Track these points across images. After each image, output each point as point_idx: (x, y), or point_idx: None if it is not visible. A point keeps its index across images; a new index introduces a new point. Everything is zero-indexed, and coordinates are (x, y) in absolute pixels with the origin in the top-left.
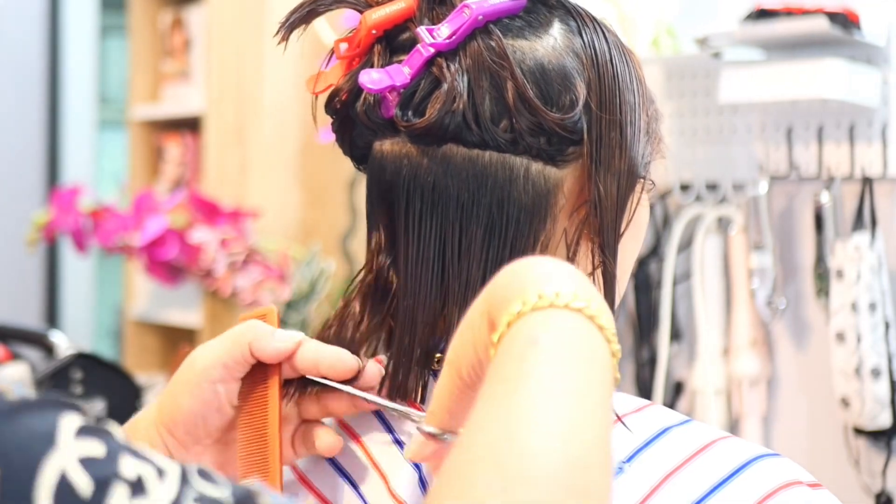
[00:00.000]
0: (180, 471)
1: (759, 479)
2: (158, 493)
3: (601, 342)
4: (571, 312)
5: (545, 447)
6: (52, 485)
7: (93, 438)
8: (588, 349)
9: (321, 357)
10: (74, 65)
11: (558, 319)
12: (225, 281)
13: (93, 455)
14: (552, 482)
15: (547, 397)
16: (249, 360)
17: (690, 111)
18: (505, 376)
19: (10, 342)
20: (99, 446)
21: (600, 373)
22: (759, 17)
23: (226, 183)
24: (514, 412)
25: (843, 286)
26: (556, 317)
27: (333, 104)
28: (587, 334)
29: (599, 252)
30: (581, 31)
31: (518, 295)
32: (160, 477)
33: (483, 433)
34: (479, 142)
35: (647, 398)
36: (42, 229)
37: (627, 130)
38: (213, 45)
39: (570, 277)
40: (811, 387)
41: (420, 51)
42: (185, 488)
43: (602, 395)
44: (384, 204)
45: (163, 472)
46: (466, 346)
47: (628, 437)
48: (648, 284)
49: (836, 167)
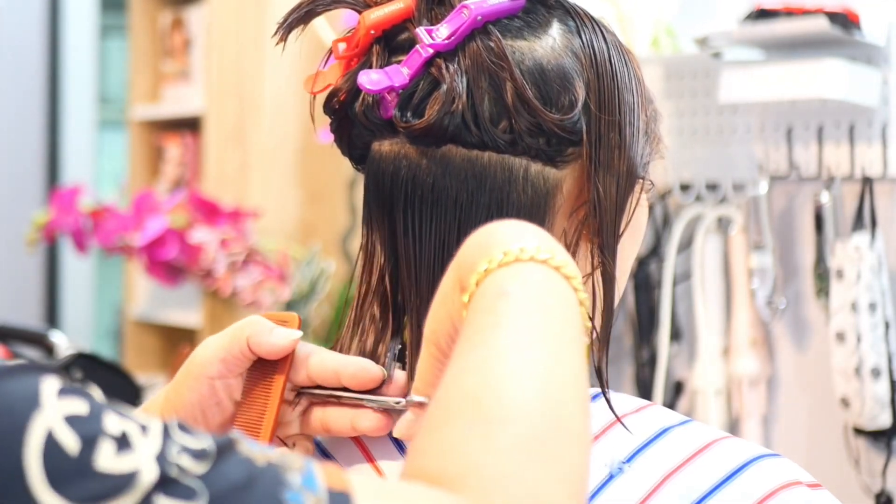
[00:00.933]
0: (162, 426)
1: (759, 479)
2: (143, 447)
3: (568, 290)
4: (537, 264)
5: (522, 389)
6: (40, 444)
7: (75, 397)
8: (556, 296)
9: (342, 366)
10: (74, 65)
11: (525, 271)
12: (225, 281)
13: (77, 413)
14: (531, 421)
15: (520, 342)
16: (248, 356)
17: (690, 111)
18: (477, 328)
19: (10, 342)
20: (82, 405)
21: (570, 318)
22: (759, 17)
23: (226, 183)
24: (488, 359)
25: (843, 286)
26: (523, 269)
27: (332, 104)
28: (554, 283)
29: (598, 252)
30: (580, 31)
31: (484, 255)
32: (143, 432)
33: (460, 383)
34: (478, 143)
35: (647, 398)
36: (42, 229)
37: (626, 131)
38: (213, 45)
39: (532, 233)
40: (811, 387)
41: (419, 51)
42: (167, 441)
43: (573, 337)
44: (383, 205)
45: (146, 428)
46: (442, 317)
47: (628, 437)
48: (648, 284)
49: (836, 167)
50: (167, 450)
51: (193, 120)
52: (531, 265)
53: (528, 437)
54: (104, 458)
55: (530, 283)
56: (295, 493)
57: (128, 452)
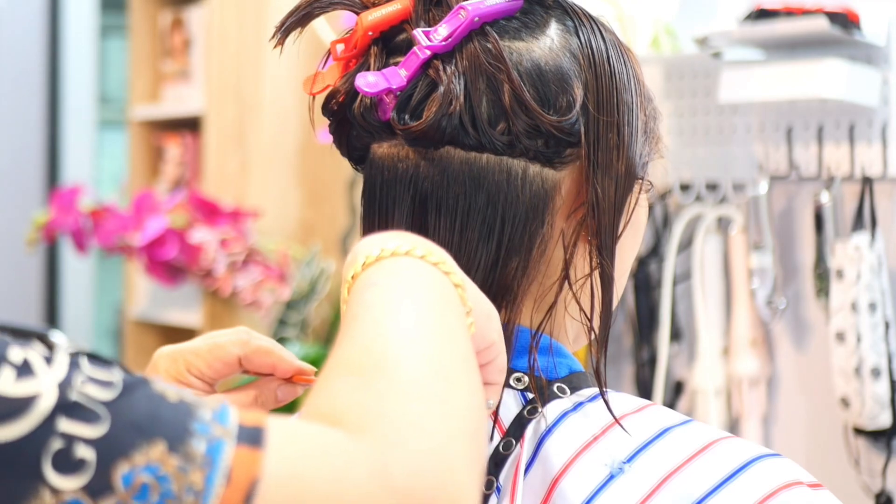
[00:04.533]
0: (70, 357)
1: (760, 479)
2: (45, 374)
3: (437, 273)
4: (399, 257)
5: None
6: None
7: None
8: (422, 278)
9: None
10: (74, 65)
11: (387, 264)
12: (225, 281)
13: None
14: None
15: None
16: None
17: (690, 111)
18: (352, 315)
19: None
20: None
21: (440, 295)
22: (759, 17)
23: (226, 183)
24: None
25: (843, 286)
26: (385, 263)
27: (330, 106)
28: (420, 268)
29: (597, 253)
30: (578, 31)
31: (351, 266)
32: (48, 363)
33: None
34: (477, 144)
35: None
36: (42, 229)
37: (625, 131)
38: (213, 45)
39: (393, 237)
40: (811, 387)
41: (416, 53)
42: (73, 370)
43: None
44: (382, 206)
45: (51, 359)
46: None
47: (629, 437)
48: (648, 284)
49: (836, 167)
50: (72, 378)
51: (193, 120)
52: (393, 259)
53: (412, 381)
54: (3, 382)
55: (394, 271)
56: (204, 425)
57: (28, 378)
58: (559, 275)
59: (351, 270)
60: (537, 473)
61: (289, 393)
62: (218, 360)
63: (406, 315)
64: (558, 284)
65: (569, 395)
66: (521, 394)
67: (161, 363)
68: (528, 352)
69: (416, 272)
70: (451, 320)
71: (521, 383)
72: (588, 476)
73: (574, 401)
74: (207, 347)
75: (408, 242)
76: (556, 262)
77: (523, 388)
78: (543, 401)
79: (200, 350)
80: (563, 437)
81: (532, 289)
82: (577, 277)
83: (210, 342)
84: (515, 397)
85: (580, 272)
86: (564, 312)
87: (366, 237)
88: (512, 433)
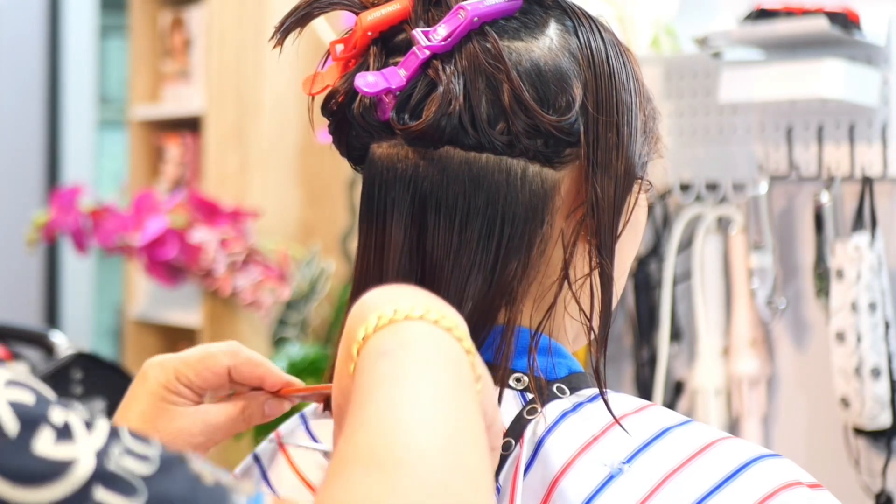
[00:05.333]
0: (110, 426)
1: (760, 479)
2: (85, 440)
3: (450, 340)
4: (413, 321)
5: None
6: None
7: (23, 389)
8: (436, 347)
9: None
10: (74, 65)
11: (401, 330)
12: (225, 281)
13: (22, 401)
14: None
15: (406, 393)
16: None
17: (690, 111)
18: (363, 389)
19: (10, 342)
20: (29, 396)
21: (454, 366)
22: (759, 17)
23: (226, 183)
24: (378, 413)
25: (843, 286)
26: (399, 328)
27: (330, 106)
28: (433, 336)
29: (596, 253)
30: (577, 31)
31: (362, 323)
32: (88, 428)
33: (353, 439)
34: (476, 144)
35: (647, 398)
36: (42, 229)
37: (624, 131)
38: (213, 45)
39: (406, 294)
40: (811, 387)
41: (416, 53)
42: (112, 440)
43: (460, 384)
44: (381, 207)
45: (91, 425)
46: (338, 393)
47: (628, 437)
48: (648, 284)
49: (836, 167)
50: (110, 447)
51: (193, 120)
52: (406, 323)
53: (424, 480)
54: (42, 444)
55: (408, 339)
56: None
57: (67, 442)
58: (559, 275)
59: (362, 330)
60: (537, 474)
61: (276, 408)
62: (207, 370)
63: (423, 398)
64: (558, 284)
65: (568, 396)
66: (521, 394)
67: (151, 372)
68: (527, 352)
69: (430, 342)
70: (464, 397)
71: (520, 384)
72: (588, 476)
73: (574, 401)
74: (197, 357)
75: (421, 304)
76: (555, 261)
77: (523, 388)
78: (543, 401)
79: (190, 359)
80: (563, 438)
81: (532, 289)
82: (577, 277)
83: (201, 352)
84: (515, 398)
85: (580, 272)
86: (564, 312)
87: (375, 290)
88: (511, 433)
